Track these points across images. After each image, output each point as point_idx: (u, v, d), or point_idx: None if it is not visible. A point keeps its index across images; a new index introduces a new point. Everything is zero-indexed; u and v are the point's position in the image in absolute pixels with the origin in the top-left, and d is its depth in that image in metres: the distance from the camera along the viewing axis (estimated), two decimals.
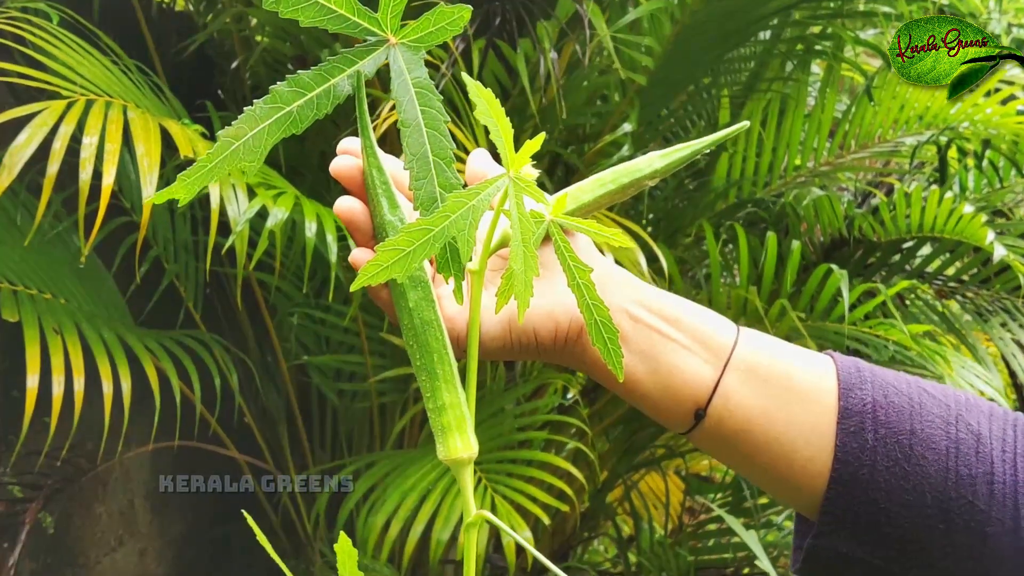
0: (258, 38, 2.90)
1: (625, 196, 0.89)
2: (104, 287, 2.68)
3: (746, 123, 0.92)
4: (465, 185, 0.70)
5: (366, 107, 0.79)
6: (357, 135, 0.82)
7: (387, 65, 0.74)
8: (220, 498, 3.00)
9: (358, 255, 0.81)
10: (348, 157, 0.83)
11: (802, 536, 0.89)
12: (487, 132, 0.68)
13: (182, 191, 0.70)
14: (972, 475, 0.81)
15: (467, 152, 2.29)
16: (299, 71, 0.72)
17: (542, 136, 0.69)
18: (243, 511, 0.76)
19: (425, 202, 0.72)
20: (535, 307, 0.83)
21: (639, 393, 0.87)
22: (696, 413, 0.86)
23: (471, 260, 0.75)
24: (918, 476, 0.81)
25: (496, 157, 0.80)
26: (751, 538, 2.71)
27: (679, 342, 0.85)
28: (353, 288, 0.69)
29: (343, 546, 0.61)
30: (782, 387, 0.85)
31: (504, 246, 0.83)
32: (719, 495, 3.50)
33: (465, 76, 0.69)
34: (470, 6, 0.72)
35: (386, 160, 0.83)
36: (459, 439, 0.76)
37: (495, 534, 2.61)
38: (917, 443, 0.82)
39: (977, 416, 0.84)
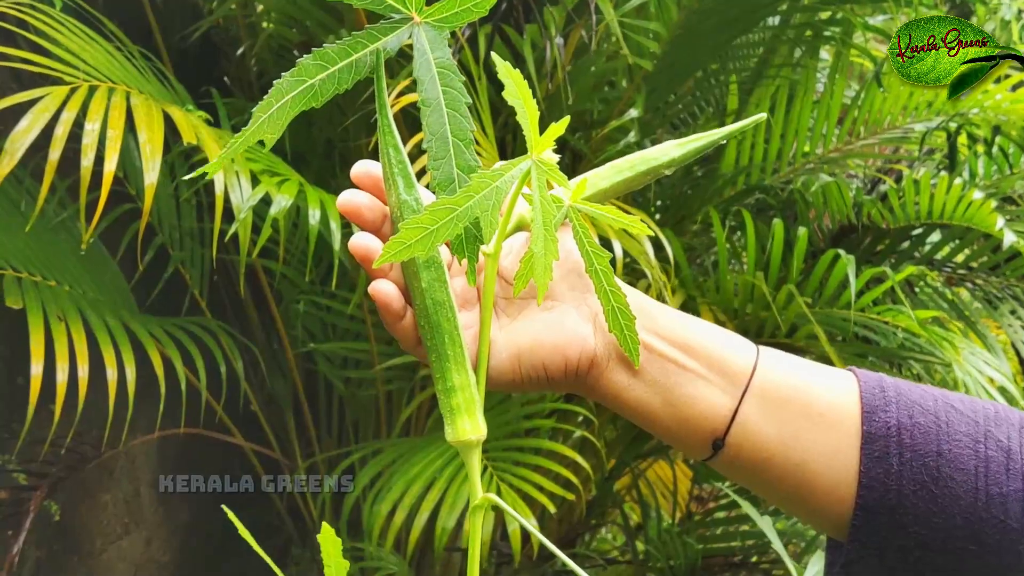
0: (264, 24, 2.89)
1: (641, 184, 0.88)
2: (109, 274, 2.67)
3: (763, 115, 0.91)
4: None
5: (384, 85, 0.78)
6: (368, 127, 0.81)
7: (409, 45, 0.74)
8: (226, 485, 2.99)
9: (359, 239, 0.80)
10: (367, 162, 0.82)
11: (832, 563, 0.87)
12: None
13: (217, 167, 0.71)
14: (1003, 493, 0.79)
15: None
16: (325, 45, 0.72)
17: (566, 120, 0.68)
18: (223, 506, 0.75)
19: (443, 183, 0.72)
20: (544, 342, 0.82)
21: (655, 424, 0.85)
22: (714, 443, 0.84)
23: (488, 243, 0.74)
24: (947, 499, 0.79)
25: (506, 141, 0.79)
26: (766, 523, 2.70)
27: (695, 371, 0.84)
28: (376, 265, 0.68)
29: (327, 536, 0.60)
30: (803, 412, 0.83)
31: (519, 230, 0.83)
32: (728, 483, 3.49)
33: (496, 56, 0.69)
34: None
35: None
36: (468, 421, 0.76)
37: (501, 521, 2.60)
38: (944, 464, 0.80)
39: (1007, 430, 0.82)
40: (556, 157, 0.78)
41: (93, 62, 2.25)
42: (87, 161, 2.02)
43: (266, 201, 2.21)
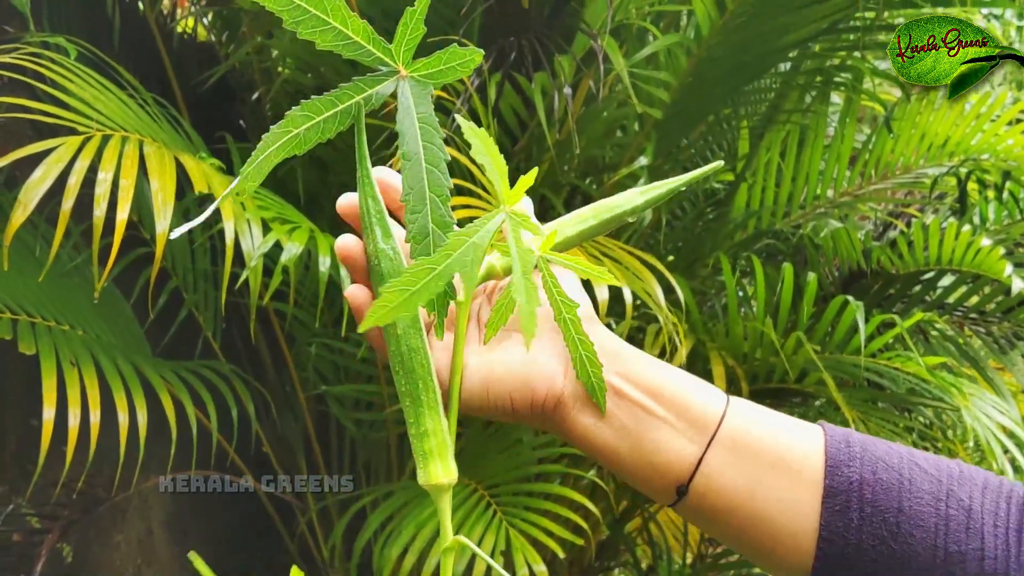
0: (279, 69, 2.92)
1: (606, 230, 0.89)
2: (122, 317, 2.70)
3: (719, 163, 0.92)
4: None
5: (364, 137, 0.80)
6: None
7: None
8: (238, 526, 3.01)
9: (353, 291, 0.82)
10: (353, 196, 0.84)
11: None
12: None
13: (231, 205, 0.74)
14: (962, 551, 0.80)
15: (474, 182, 2.31)
16: (312, 96, 0.74)
17: (534, 172, 0.70)
18: (191, 554, 0.77)
19: (417, 236, 0.73)
20: (515, 374, 0.83)
21: (620, 467, 0.86)
22: (678, 489, 0.85)
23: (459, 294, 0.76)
24: (906, 555, 0.81)
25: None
26: None
27: (663, 418, 0.84)
28: (360, 330, 0.70)
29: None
30: (768, 463, 0.84)
31: (489, 279, 0.84)
32: None
33: (459, 118, 0.71)
34: (482, 50, 0.73)
35: (393, 176, 0.85)
36: (439, 465, 0.78)
37: (510, 563, 2.61)
38: (904, 521, 0.81)
39: (970, 490, 0.83)
40: (529, 207, 0.80)
41: (107, 111, 2.28)
42: (99, 210, 2.04)
43: (278, 245, 2.23)
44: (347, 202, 0.84)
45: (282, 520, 3.03)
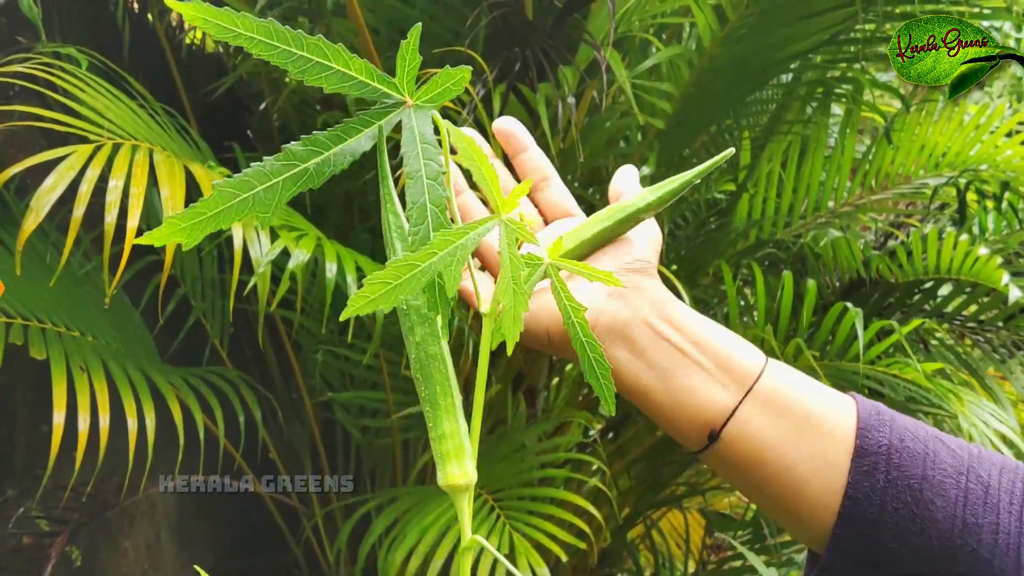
0: (286, 80, 2.95)
1: (623, 230, 0.91)
2: (131, 324, 2.72)
3: (731, 151, 0.94)
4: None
5: (387, 159, 0.83)
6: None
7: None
8: (245, 531, 3.03)
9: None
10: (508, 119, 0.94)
11: (808, 573, 0.90)
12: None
13: (179, 235, 0.74)
14: (979, 524, 0.82)
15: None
16: (315, 132, 0.76)
17: (529, 182, 0.73)
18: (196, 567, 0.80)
19: (419, 244, 0.77)
20: (548, 310, 0.86)
21: (652, 405, 0.88)
22: (710, 435, 0.87)
23: (456, 296, 0.79)
24: (926, 520, 0.82)
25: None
26: (770, 572, 2.72)
27: (700, 364, 0.86)
28: (342, 317, 0.72)
29: None
30: (800, 420, 0.86)
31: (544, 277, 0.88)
32: (739, 532, 3.51)
33: (446, 123, 0.74)
34: (469, 67, 0.76)
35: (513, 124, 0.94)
36: (457, 466, 0.79)
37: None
38: (928, 488, 0.83)
39: (988, 468, 0.85)
40: (529, 211, 0.83)
41: (117, 120, 2.30)
42: (111, 217, 2.07)
43: (285, 252, 2.26)
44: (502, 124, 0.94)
45: (288, 525, 3.06)
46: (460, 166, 0.76)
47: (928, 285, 3.10)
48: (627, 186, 0.94)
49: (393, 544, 2.51)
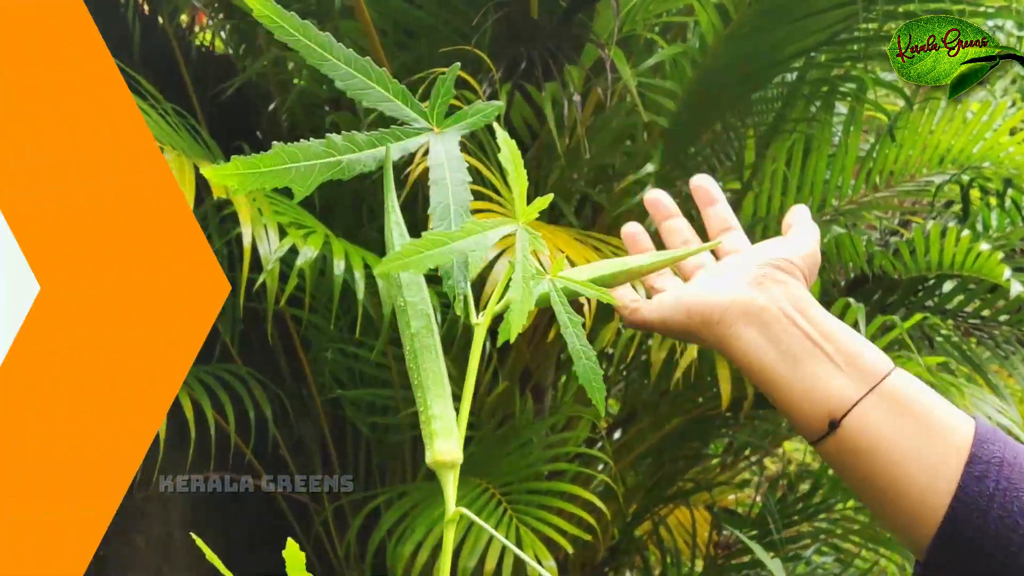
0: (295, 81, 2.99)
1: (616, 283, 0.96)
2: None
3: (719, 241, 1.00)
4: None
5: (391, 174, 0.88)
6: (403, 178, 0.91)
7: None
8: (256, 528, 3.06)
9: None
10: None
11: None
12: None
13: (232, 179, 0.79)
14: None
15: (492, 189, 2.36)
16: (354, 131, 0.82)
17: (549, 197, 0.77)
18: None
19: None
20: (680, 298, 0.94)
21: (778, 389, 0.90)
22: (831, 422, 0.88)
23: (479, 314, 0.83)
24: None
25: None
26: (776, 566, 2.74)
27: (829, 355, 0.89)
28: (377, 272, 0.77)
29: (291, 551, 0.67)
30: (920, 421, 0.87)
31: (627, 279, 0.95)
32: (745, 529, 3.52)
33: (496, 126, 0.79)
34: (502, 104, 0.81)
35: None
36: (444, 444, 0.81)
37: (521, 566, 2.65)
38: None
39: None
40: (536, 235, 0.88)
41: None
42: None
43: (294, 251, 2.29)
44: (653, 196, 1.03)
45: (298, 521, 3.09)
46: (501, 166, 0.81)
47: (931, 281, 3.12)
48: (796, 221, 1.00)
49: (402, 538, 2.54)
